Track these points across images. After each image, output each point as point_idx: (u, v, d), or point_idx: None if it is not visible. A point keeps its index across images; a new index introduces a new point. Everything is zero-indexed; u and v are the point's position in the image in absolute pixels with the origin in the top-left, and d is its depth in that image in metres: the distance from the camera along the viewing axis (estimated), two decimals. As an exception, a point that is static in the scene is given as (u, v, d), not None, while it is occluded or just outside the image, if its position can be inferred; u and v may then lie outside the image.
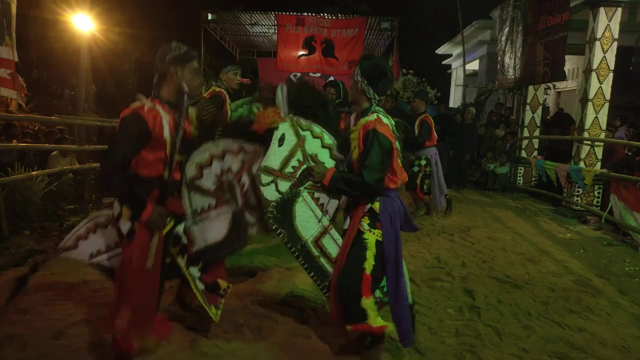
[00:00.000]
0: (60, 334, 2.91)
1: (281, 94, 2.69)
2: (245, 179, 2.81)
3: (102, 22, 9.13)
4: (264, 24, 13.87)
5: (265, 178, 2.68)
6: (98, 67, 12.07)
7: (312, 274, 2.76)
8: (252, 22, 13.61)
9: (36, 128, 8.46)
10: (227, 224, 2.76)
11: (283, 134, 2.71)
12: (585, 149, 7.41)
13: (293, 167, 2.72)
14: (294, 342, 2.97)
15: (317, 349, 2.90)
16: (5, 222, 4.85)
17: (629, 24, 9.47)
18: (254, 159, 2.78)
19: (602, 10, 7.05)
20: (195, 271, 2.79)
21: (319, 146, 2.76)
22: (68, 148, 7.18)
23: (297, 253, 2.73)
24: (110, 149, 2.40)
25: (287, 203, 2.69)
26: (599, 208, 6.94)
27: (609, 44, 7.13)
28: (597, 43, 7.13)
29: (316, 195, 2.74)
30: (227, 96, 4.10)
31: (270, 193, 2.68)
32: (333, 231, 2.78)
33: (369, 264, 2.57)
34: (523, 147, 9.77)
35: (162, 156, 2.41)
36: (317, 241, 2.74)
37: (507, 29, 9.81)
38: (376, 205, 2.60)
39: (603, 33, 7.10)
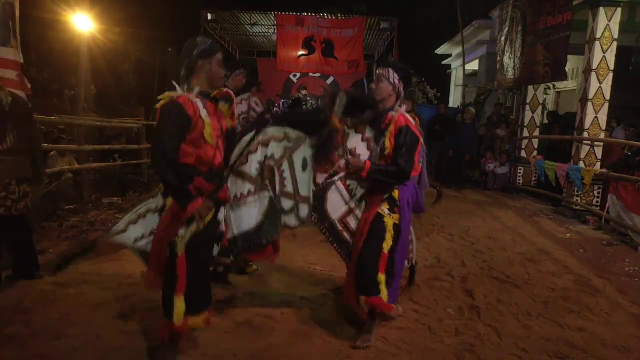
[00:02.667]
0: (60, 334, 2.91)
1: (342, 101, 2.98)
2: (285, 166, 2.96)
3: (101, 22, 9.14)
4: (263, 24, 13.88)
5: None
6: (98, 67, 12.08)
7: (334, 244, 3.15)
8: (252, 22, 13.62)
9: (36, 128, 8.45)
10: (263, 212, 2.86)
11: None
12: (585, 149, 7.41)
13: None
14: (294, 342, 2.98)
15: (317, 349, 2.91)
16: (5, 222, 4.84)
17: (628, 24, 9.46)
18: (296, 147, 2.96)
19: (601, 10, 7.05)
20: (226, 260, 3.13)
21: (360, 140, 3.08)
22: (68, 148, 7.17)
23: (324, 230, 3.12)
24: (156, 141, 2.48)
25: (322, 191, 3.07)
26: (598, 208, 6.94)
27: (609, 44, 7.13)
28: (597, 43, 7.13)
29: (348, 182, 3.10)
30: (233, 95, 4.27)
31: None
32: (358, 212, 3.12)
33: (387, 244, 2.93)
34: (523, 147, 9.77)
35: (201, 137, 2.47)
36: (342, 219, 3.11)
37: (506, 29, 9.81)
38: (396, 193, 2.99)
39: (603, 33, 7.10)
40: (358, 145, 3.10)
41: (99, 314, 3.20)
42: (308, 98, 15.13)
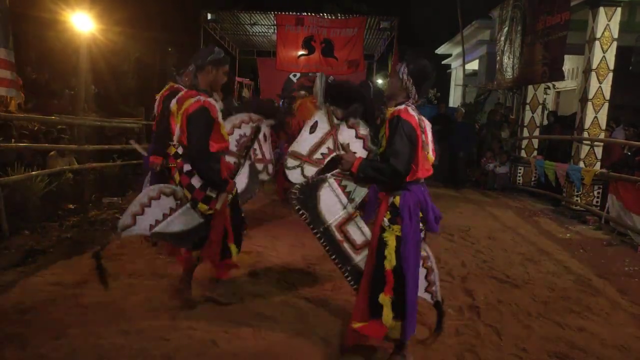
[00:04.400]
0: (60, 334, 2.91)
1: (319, 83, 2.88)
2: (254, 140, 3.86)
3: (101, 22, 9.12)
4: (263, 23, 13.87)
5: (291, 162, 2.89)
6: (98, 67, 12.06)
7: (333, 256, 2.88)
8: (252, 22, 13.60)
9: (36, 128, 8.45)
10: (247, 175, 3.79)
11: (316, 122, 2.89)
12: (585, 149, 7.41)
13: (322, 153, 2.88)
14: (294, 342, 2.98)
15: (317, 349, 2.90)
16: (5, 222, 4.84)
17: (628, 23, 9.47)
18: (258, 124, 3.88)
19: (601, 10, 7.05)
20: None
21: (353, 136, 2.88)
22: (68, 148, 7.17)
23: (319, 235, 2.85)
24: (194, 142, 3.03)
25: (312, 187, 2.84)
26: (598, 208, 6.94)
27: (609, 44, 7.13)
28: (597, 43, 7.13)
29: (343, 182, 2.86)
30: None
31: (295, 176, 2.88)
32: (358, 219, 2.87)
33: (390, 263, 2.60)
34: (523, 147, 9.77)
35: (220, 135, 3.16)
36: (340, 226, 2.86)
37: (506, 28, 9.81)
38: (397, 200, 2.62)
39: (603, 33, 7.10)
40: (352, 142, 2.87)
41: (99, 314, 3.20)
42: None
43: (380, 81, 18.57)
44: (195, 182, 3.12)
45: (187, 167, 3.13)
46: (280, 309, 3.40)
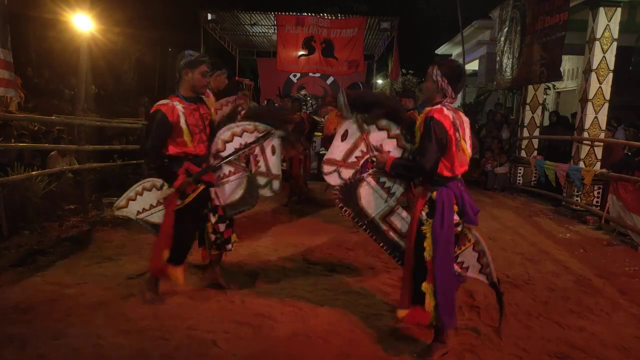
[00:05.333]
0: (60, 334, 2.91)
1: (342, 98, 3.11)
2: (257, 151, 3.61)
3: (101, 22, 9.12)
4: (263, 24, 13.87)
5: (327, 168, 3.21)
6: (98, 67, 12.06)
7: (381, 244, 3.17)
8: (252, 22, 13.61)
9: (36, 128, 8.45)
10: (244, 186, 3.59)
11: (346, 130, 3.17)
12: (585, 149, 7.41)
13: (356, 156, 3.17)
14: (294, 342, 2.98)
15: (317, 349, 2.91)
16: (5, 222, 4.84)
17: (628, 24, 9.46)
18: (265, 137, 3.60)
19: (601, 10, 7.05)
20: (222, 227, 3.56)
21: (385, 137, 3.13)
22: (68, 148, 7.17)
23: (364, 227, 3.17)
24: (145, 138, 3.31)
25: (351, 187, 3.13)
26: (598, 208, 6.94)
27: (609, 44, 7.13)
28: (597, 43, 7.12)
29: (381, 179, 3.13)
30: (211, 95, 4.40)
31: (333, 179, 3.20)
32: (400, 210, 3.16)
33: (428, 253, 2.82)
34: (523, 147, 9.77)
35: (182, 139, 3.25)
36: (385, 217, 3.14)
37: (506, 29, 9.81)
38: (434, 195, 2.82)
39: (603, 33, 7.10)
40: (385, 142, 3.11)
41: (99, 314, 3.20)
42: (308, 98, 15.15)
43: (380, 81, 18.57)
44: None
45: None
46: (280, 309, 3.40)
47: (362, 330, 3.15)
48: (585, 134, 7.36)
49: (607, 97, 7.26)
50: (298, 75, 15.51)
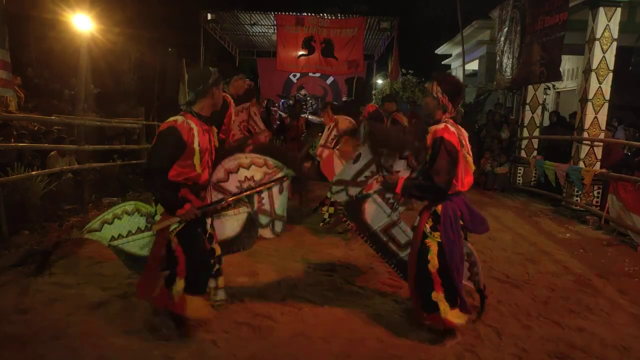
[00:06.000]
0: (60, 334, 2.91)
1: (363, 130, 3.32)
2: (263, 188, 3.40)
3: (101, 22, 9.11)
4: (263, 24, 13.88)
5: (335, 189, 3.31)
6: (98, 67, 12.05)
7: (379, 253, 3.34)
8: (252, 22, 13.62)
9: (35, 128, 8.45)
10: (242, 224, 3.32)
11: (360, 154, 3.28)
12: (585, 149, 7.41)
13: (365, 176, 3.28)
14: (294, 342, 2.98)
15: (317, 349, 2.91)
16: (5, 222, 4.84)
17: (628, 24, 9.46)
18: (274, 173, 3.41)
19: (601, 10, 7.05)
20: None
21: (396, 157, 3.24)
22: (68, 148, 7.17)
23: (366, 239, 3.32)
24: (153, 160, 2.80)
25: (357, 202, 3.26)
26: (598, 208, 6.94)
27: (609, 44, 7.13)
28: (597, 43, 7.13)
29: (387, 195, 3.27)
30: (232, 101, 4.43)
31: (340, 196, 3.30)
32: (402, 224, 3.31)
33: (433, 265, 2.91)
34: (523, 147, 9.77)
35: (191, 162, 2.78)
36: (385, 230, 3.29)
37: (506, 29, 9.81)
38: (439, 209, 2.93)
39: (602, 33, 7.10)
40: (396, 162, 3.22)
41: (99, 314, 3.20)
42: (308, 98, 15.15)
43: (380, 81, 18.55)
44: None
45: None
46: (280, 309, 3.41)
47: (362, 330, 3.15)
48: (585, 134, 7.36)
49: (607, 97, 7.26)
50: (298, 75, 15.54)
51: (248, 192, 3.33)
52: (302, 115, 9.03)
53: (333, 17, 13.63)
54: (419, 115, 7.72)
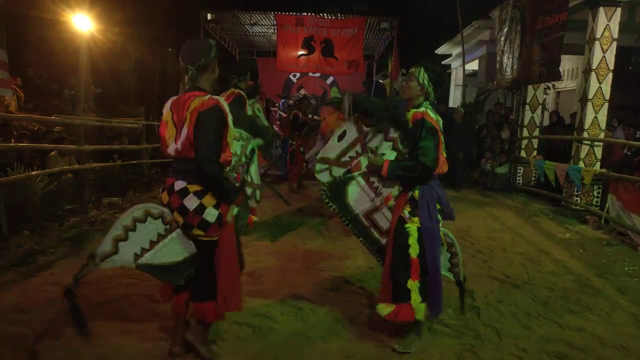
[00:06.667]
0: (60, 334, 2.91)
1: (347, 100, 3.14)
2: (243, 161, 3.28)
3: (101, 22, 9.12)
4: (263, 23, 13.87)
5: (320, 166, 3.23)
6: (98, 67, 12.05)
7: (360, 238, 3.23)
8: (252, 22, 13.61)
9: (36, 128, 8.45)
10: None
11: (345, 131, 3.20)
12: (585, 149, 7.41)
13: (350, 156, 3.22)
14: (294, 342, 2.98)
15: (317, 349, 2.91)
16: (5, 222, 4.84)
17: (628, 24, 9.46)
18: (245, 145, 3.29)
19: (601, 10, 7.05)
20: None
21: (382, 139, 3.17)
22: (67, 148, 7.17)
23: (347, 222, 3.21)
24: (209, 144, 2.49)
25: (340, 184, 3.17)
26: (598, 208, 6.94)
27: (609, 44, 7.14)
28: (597, 43, 7.13)
29: (371, 179, 3.15)
30: (246, 98, 4.58)
31: (323, 177, 3.24)
32: (385, 209, 3.16)
33: (414, 250, 2.88)
34: (523, 147, 9.77)
35: (226, 142, 2.60)
36: (368, 215, 3.18)
37: (506, 29, 9.82)
38: (416, 193, 2.91)
39: (602, 33, 7.11)
40: (381, 145, 3.17)
41: (99, 314, 3.20)
42: (308, 97, 15.12)
43: (380, 81, 18.56)
44: (189, 203, 2.53)
45: (179, 185, 2.55)
46: (280, 309, 3.41)
47: (362, 330, 3.15)
48: (585, 134, 7.37)
49: (607, 97, 7.27)
50: (298, 75, 15.52)
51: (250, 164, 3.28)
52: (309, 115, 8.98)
53: (333, 17, 13.62)
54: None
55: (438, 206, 2.94)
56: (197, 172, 2.51)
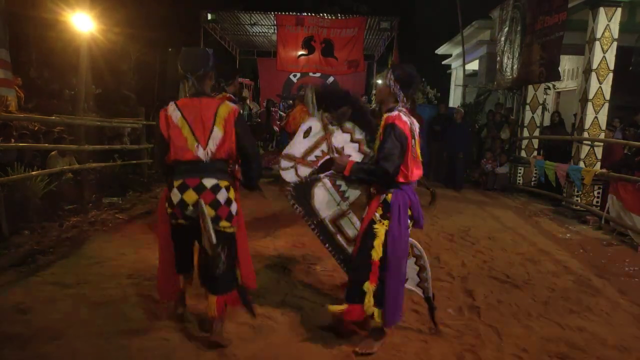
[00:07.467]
0: (60, 334, 2.91)
1: (310, 94, 3.10)
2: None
3: (101, 22, 9.13)
4: (263, 24, 13.87)
5: (285, 163, 3.11)
6: (98, 67, 12.05)
7: (326, 245, 3.15)
8: (252, 22, 13.61)
9: (36, 128, 8.45)
10: None
11: (310, 127, 3.11)
12: (585, 149, 7.41)
13: (316, 156, 3.11)
14: (294, 342, 2.98)
15: (317, 349, 2.90)
16: (5, 222, 4.84)
17: (628, 24, 9.47)
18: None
19: (601, 10, 7.05)
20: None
21: (348, 140, 3.12)
22: (68, 148, 7.17)
23: (313, 227, 3.13)
24: (250, 141, 2.92)
25: (306, 185, 3.08)
26: (598, 208, 6.94)
27: (609, 44, 7.14)
28: (597, 43, 7.13)
29: (338, 182, 3.09)
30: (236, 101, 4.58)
31: (289, 176, 3.11)
32: (351, 215, 3.13)
33: (377, 253, 2.80)
34: (523, 147, 9.77)
35: None
36: (334, 221, 3.12)
37: (506, 29, 9.82)
38: (389, 197, 2.83)
39: (603, 33, 7.11)
40: (347, 145, 3.11)
41: (99, 314, 3.20)
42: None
43: (380, 81, 18.58)
44: (222, 197, 2.76)
45: (210, 182, 2.73)
46: (280, 309, 3.41)
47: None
48: (585, 134, 7.37)
49: (607, 97, 7.27)
50: (298, 75, 15.53)
51: None
52: None
53: (333, 17, 13.61)
54: (419, 115, 7.70)
55: (410, 212, 2.87)
56: (225, 169, 2.84)
